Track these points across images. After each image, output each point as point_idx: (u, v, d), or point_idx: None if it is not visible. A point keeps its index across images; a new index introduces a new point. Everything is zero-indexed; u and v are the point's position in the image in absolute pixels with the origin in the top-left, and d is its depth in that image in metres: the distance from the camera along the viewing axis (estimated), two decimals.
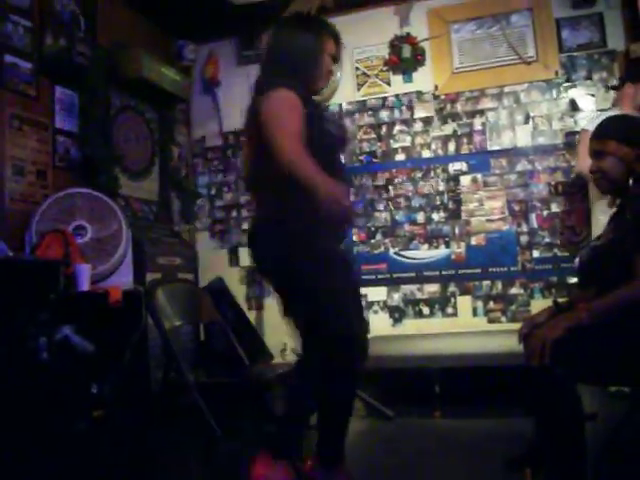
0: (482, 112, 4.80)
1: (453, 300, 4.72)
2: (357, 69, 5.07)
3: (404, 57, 4.90)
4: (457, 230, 4.74)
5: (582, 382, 1.96)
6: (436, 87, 4.89)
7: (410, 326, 4.76)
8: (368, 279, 4.83)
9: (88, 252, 3.47)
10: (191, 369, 3.44)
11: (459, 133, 4.83)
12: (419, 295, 4.79)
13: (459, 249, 4.72)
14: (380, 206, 4.91)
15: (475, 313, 4.66)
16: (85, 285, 3.21)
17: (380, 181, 4.92)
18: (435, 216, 4.80)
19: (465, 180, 4.77)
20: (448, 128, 4.86)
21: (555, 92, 4.65)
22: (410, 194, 4.87)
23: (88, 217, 3.55)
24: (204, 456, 2.99)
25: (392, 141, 4.97)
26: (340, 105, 5.07)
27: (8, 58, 3.57)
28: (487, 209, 4.70)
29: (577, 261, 2.42)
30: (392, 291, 4.84)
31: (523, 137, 4.70)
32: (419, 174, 4.86)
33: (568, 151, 4.56)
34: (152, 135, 4.98)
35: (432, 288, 4.76)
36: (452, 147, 4.83)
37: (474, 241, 4.70)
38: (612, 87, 4.12)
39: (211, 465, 2.91)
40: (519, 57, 4.70)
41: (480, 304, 4.66)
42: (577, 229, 4.48)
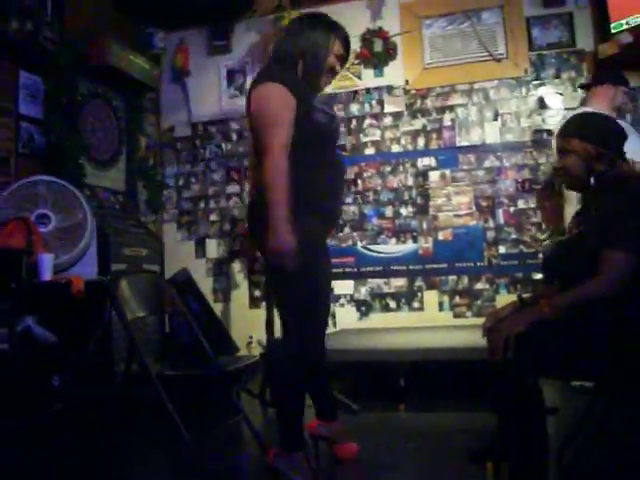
0: (452, 108, 4.82)
1: (420, 294, 4.74)
2: None
3: (376, 51, 4.91)
4: (425, 225, 4.76)
5: (544, 376, 1.98)
6: (407, 82, 4.90)
7: (377, 320, 4.78)
8: (335, 272, 4.82)
9: (51, 241, 3.41)
10: (155, 361, 3.41)
11: (429, 128, 4.85)
12: (386, 289, 4.81)
13: (426, 244, 4.74)
14: (349, 200, 4.91)
15: (441, 308, 4.69)
16: (47, 275, 3.16)
17: (349, 175, 4.92)
18: (403, 211, 4.81)
19: (434, 175, 4.79)
20: (418, 123, 4.87)
21: (524, 90, 4.69)
22: (379, 188, 4.88)
23: (52, 206, 3.48)
24: (167, 450, 2.97)
25: (362, 135, 4.97)
26: None
27: None
28: (455, 204, 4.73)
29: (542, 257, 2.44)
30: (359, 285, 4.85)
31: (492, 134, 4.74)
32: (388, 168, 4.87)
33: (536, 148, 4.60)
34: (119, 124, 4.90)
35: (399, 282, 4.78)
36: (421, 142, 4.85)
37: (441, 236, 4.72)
38: (581, 86, 4.16)
39: (174, 459, 2.88)
40: (489, 54, 4.73)
41: (446, 299, 4.69)
42: (543, 226, 4.53)
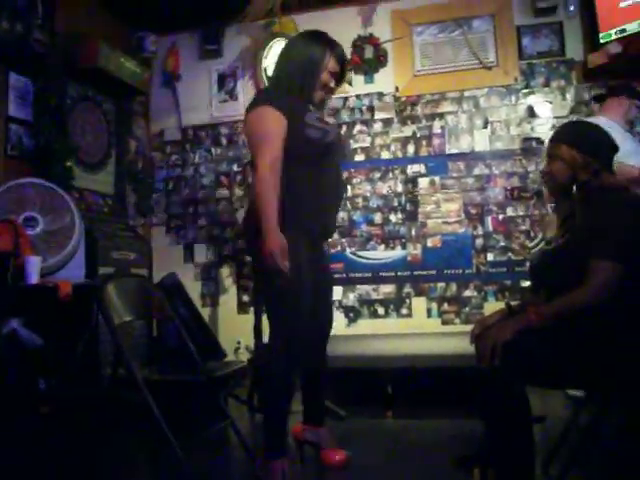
0: (442, 115, 4.84)
1: (408, 301, 4.74)
2: None
3: (366, 58, 4.92)
4: (414, 232, 4.77)
5: (530, 384, 1.98)
6: (397, 89, 4.91)
7: (365, 326, 4.77)
8: None
9: (39, 244, 3.39)
10: (143, 366, 3.39)
11: (418, 135, 4.86)
12: (374, 295, 4.81)
13: (415, 251, 4.75)
14: None
15: (429, 314, 4.70)
16: (34, 278, 3.14)
17: None
18: (392, 217, 4.82)
19: (423, 182, 4.80)
20: (408, 130, 4.88)
21: (514, 98, 4.72)
22: (368, 194, 4.88)
23: (40, 208, 3.46)
24: (154, 455, 2.95)
25: (352, 141, 4.97)
26: None
27: None
28: (444, 211, 4.74)
29: (528, 265, 2.45)
30: (348, 291, 4.85)
31: (481, 141, 4.75)
32: (377, 175, 4.88)
33: (525, 157, 4.63)
34: (109, 127, 4.89)
35: (387, 289, 4.78)
36: (411, 149, 4.86)
37: (430, 243, 4.73)
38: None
39: (161, 464, 2.87)
40: (480, 62, 4.75)
41: (434, 305, 4.69)
42: (532, 233, 4.55)
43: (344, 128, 4.97)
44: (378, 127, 4.94)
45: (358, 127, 4.98)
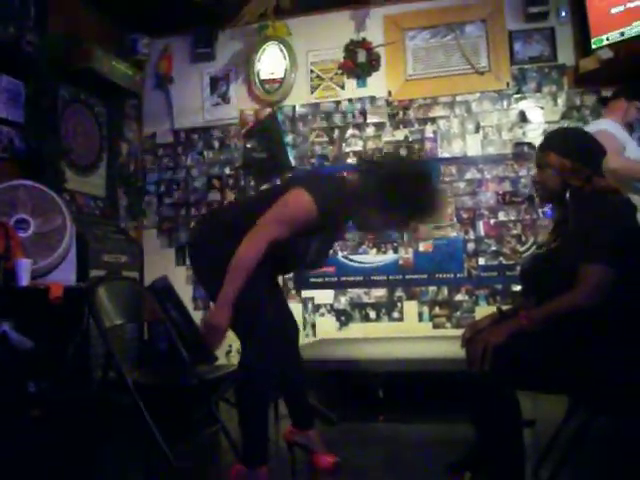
0: (434, 120, 4.85)
1: (399, 305, 4.75)
2: (312, 72, 5.07)
3: (359, 62, 4.93)
4: (405, 236, 4.78)
5: (521, 388, 1.98)
6: (389, 93, 4.92)
7: (356, 330, 4.78)
8: (316, 282, 4.84)
9: (30, 247, 3.38)
10: (133, 369, 3.38)
11: (411, 139, 4.87)
12: (366, 299, 4.81)
13: (407, 254, 4.76)
14: None
15: (421, 318, 4.71)
16: (25, 280, 3.13)
17: None
18: None
19: None
20: (400, 134, 4.89)
21: (505, 103, 4.74)
22: None
23: (31, 211, 3.45)
24: (144, 458, 2.94)
25: (344, 145, 4.98)
26: (294, 107, 5.07)
27: None
28: None
29: (519, 270, 2.45)
30: (339, 294, 4.85)
31: (473, 146, 4.77)
32: None
33: (516, 161, 4.64)
34: (101, 129, 4.89)
35: (379, 292, 4.79)
36: (403, 153, 4.86)
37: (422, 247, 4.74)
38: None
39: (151, 467, 2.86)
40: (472, 67, 4.77)
41: (426, 309, 4.70)
42: (523, 238, 4.57)
43: (336, 132, 4.98)
44: (370, 131, 4.95)
45: (350, 131, 4.98)
